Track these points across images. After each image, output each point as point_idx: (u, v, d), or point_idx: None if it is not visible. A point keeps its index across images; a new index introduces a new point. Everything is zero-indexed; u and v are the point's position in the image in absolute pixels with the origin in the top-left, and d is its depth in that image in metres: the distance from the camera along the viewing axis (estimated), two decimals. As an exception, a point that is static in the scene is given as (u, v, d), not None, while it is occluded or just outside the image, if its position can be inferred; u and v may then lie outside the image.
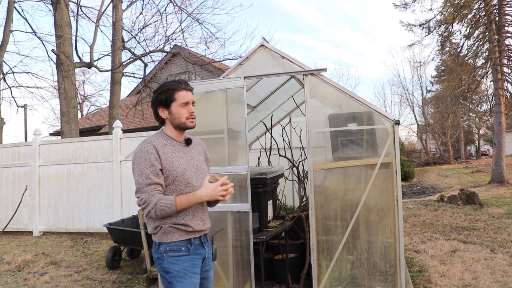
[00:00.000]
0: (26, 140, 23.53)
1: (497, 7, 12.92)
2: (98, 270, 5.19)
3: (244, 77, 3.48)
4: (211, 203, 2.14)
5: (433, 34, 14.43)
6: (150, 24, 15.66)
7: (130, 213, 6.84)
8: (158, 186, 1.96)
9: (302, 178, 4.65)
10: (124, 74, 11.88)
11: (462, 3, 12.70)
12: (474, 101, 23.09)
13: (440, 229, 6.38)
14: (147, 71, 12.32)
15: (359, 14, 69.77)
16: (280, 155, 4.88)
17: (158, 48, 11.47)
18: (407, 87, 47.85)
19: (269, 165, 4.88)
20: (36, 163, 7.74)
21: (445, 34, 14.21)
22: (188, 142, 2.13)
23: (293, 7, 68.28)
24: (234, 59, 11.20)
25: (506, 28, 13.05)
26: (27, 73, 12.46)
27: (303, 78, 3.44)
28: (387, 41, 63.67)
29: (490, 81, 13.71)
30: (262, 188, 3.83)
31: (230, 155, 3.68)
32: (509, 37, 13.12)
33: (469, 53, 14.29)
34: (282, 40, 64.43)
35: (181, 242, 2.00)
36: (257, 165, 5.28)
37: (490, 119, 24.28)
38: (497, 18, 12.92)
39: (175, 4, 11.33)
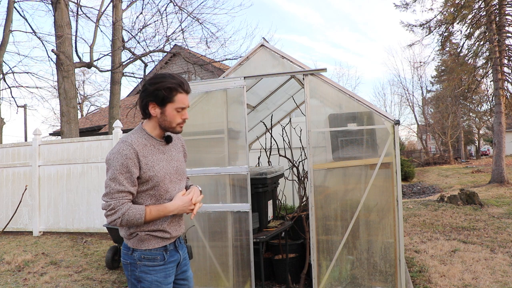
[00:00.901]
0: (26, 140, 23.54)
1: (497, 7, 12.91)
2: (98, 270, 5.19)
3: (244, 77, 3.48)
4: None
5: (433, 34, 14.44)
6: (150, 24, 15.66)
7: (130, 213, 6.84)
8: (129, 195, 1.80)
9: (302, 178, 4.65)
10: (124, 74, 11.87)
11: (462, 3, 12.70)
12: (474, 101, 23.10)
13: (440, 229, 6.37)
14: (147, 71, 12.31)
15: (356, 14, 69.97)
16: (280, 155, 4.88)
17: (158, 48, 11.47)
18: (407, 87, 47.88)
19: (269, 165, 4.88)
20: (36, 163, 7.74)
21: (446, 34, 14.21)
22: (168, 140, 1.97)
23: (290, 7, 68.41)
24: (234, 59, 11.20)
25: (507, 28, 13.05)
26: (27, 73, 12.47)
27: (303, 78, 3.44)
28: (385, 41, 63.87)
29: (490, 81, 13.71)
30: (262, 188, 3.83)
31: (230, 155, 3.67)
32: (510, 37, 13.12)
33: (469, 53, 14.29)
34: (279, 40, 64.57)
35: (157, 250, 1.88)
36: (257, 165, 5.28)
37: (490, 119, 24.30)
38: (497, 18, 12.92)
39: (175, 4, 11.34)
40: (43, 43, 11.00)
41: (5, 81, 12.25)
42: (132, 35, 11.79)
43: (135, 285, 1.88)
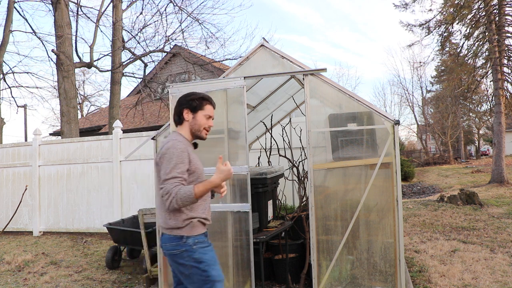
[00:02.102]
0: (26, 140, 23.53)
1: (497, 7, 12.91)
2: (98, 270, 5.19)
3: (244, 77, 3.49)
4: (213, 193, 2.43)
5: (433, 34, 14.43)
6: (150, 24, 15.71)
7: (130, 213, 6.85)
8: (182, 180, 2.13)
9: (302, 178, 4.65)
10: (124, 74, 11.88)
11: (462, 3, 12.70)
12: (474, 101, 23.10)
13: (440, 229, 6.38)
14: (147, 71, 12.32)
15: (356, 14, 70.01)
16: (280, 155, 4.89)
17: (158, 48, 11.47)
18: (407, 87, 47.85)
19: (269, 165, 4.88)
20: (36, 163, 7.74)
21: (445, 34, 14.20)
22: (195, 146, 2.40)
23: (290, 7, 68.43)
24: (234, 59, 11.21)
25: (506, 28, 13.05)
26: (27, 73, 12.48)
27: (303, 78, 3.44)
28: (385, 41, 63.88)
29: (490, 81, 13.70)
30: (262, 188, 3.83)
31: (230, 155, 3.68)
32: (509, 37, 13.12)
33: (469, 53, 14.28)
34: (279, 40, 64.55)
35: (203, 235, 2.26)
36: (257, 165, 5.28)
37: (490, 119, 24.29)
38: (497, 18, 12.91)
39: (175, 4, 11.34)
40: (43, 43, 11.02)
41: (5, 81, 12.26)
42: (132, 35, 11.80)
43: (196, 267, 2.18)
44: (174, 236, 2.19)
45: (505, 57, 13.19)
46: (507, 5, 12.92)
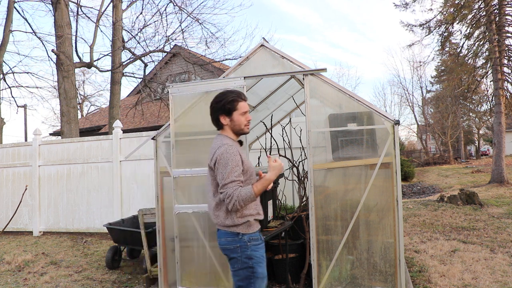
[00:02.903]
0: (26, 140, 23.54)
1: (497, 7, 12.91)
2: (98, 270, 5.19)
3: (244, 77, 3.48)
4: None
5: (433, 34, 14.43)
6: (150, 24, 15.68)
7: (130, 213, 6.85)
8: (240, 183, 2.26)
9: (302, 178, 4.65)
10: (124, 74, 11.88)
11: (462, 3, 12.69)
12: (474, 101, 23.09)
13: (440, 229, 6.38)
14: (147, 71, 12.31)
15: (355, 14, 70.03)
16: (280, 155, 4.88)
17: (158, 48, 11.47)
18: (407, 87, 47.87)
19: (269, 165, 4.87)
20: (36, 163, 7.74)
21: (445, 34, 14.20)
22: (241, 143, 2.52)
23: (289, 8, 68.45)
24: (234, 59, 11.21)
25: (506, 28, 13.04)
26: (27, 73, 12.48)
27: (303, 78, 3.44)
28: (384, 41, 63.92)
29: (490, 81, 13.70)
30: (262, 188, 3.83)
31: (230, 155, 3.67)
32: (509, 37, 13.11)
33: (469, 53, 14.28)
34: (279, 40, 64.55)
35: (258, 232, 2.41)
36: (257, 165, 5.28)
37: (490, 119, 24.29)
38: (497, 18, 12.91)
39: (175, 4, 11.34)
40: (43, 43, 11.02)
41: (5, 81, 12.26)
42: (132, 35, 11.80)
43: (247, 263, 2.32)
44: (230, 232, 2.33)
45: (505, 57, 13.19)
46: (507, 5, 12.92)
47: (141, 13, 12.34)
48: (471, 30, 13.60)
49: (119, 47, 11.35)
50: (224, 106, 2.40)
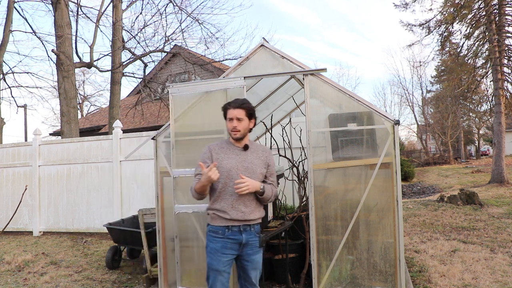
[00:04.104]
0: (26, 140, 23.54)
1: (497, 7, 12.91)
2: (98, 270, 5.19)
3: (244, 77, 3.48)
4: (262, 197, 2.61)
5: (433, 34, 14.42)
6: (150, 24, 15.71)
7: (130, 213, 6.85)
8: (201, 175, 2.49)
9: (302, 178, 4.65)
10: (124, 74, 11.87)
11: (462, 3, 12.69)
12: (474, 101, 23.08)
13: (440, 229, 6.38)
14: (147, 71, 12.32)
15: (353, 15, 70.06)
16: (280, 155, 4.88)
17: (158, 48, 11.47)
18: (407, 87, 47.86)
19: (269, 165, 4.87)
20: (36, 163, 7.74)
21: (445, 34, 14.20)
22: (245, 148, 2.66)
23: (287, 8, 68.47)
24: (234, 59, 11.21)
25: (506, 28, 13.04)
26: (27, 73, 12.47)
27: (303, 78, 3.44)
28: (382, 41, 63.97)
29: (490, 81, 13.69)
30: (262, 188, 3.83)
31: (230, 155, 3.66)
32: (509, 37, 13.11)
33: (469, 53, 14.27)
34: (279, 41, 64.56)
35: (222, 227, 2.54)
36: (257, 165, 5.27)
37: (490, 119, 24.29)
38: (497, 18, 12.91)
39: (175, 4, 11.34)
40: (43, 43, 11.02)
41: (5, 81, 12.26)
42: (132, 35, 11.80)
43: (206, 249, 2.62)
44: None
45: (505, 57, 13.18)
46: (507, 5, 12.91)
47: (141, 13, 12.38)
48: (471, 30, 13.60)
49: (119, 47, 11.35)
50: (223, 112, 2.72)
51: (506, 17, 12.98)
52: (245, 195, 2.54)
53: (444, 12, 13.46)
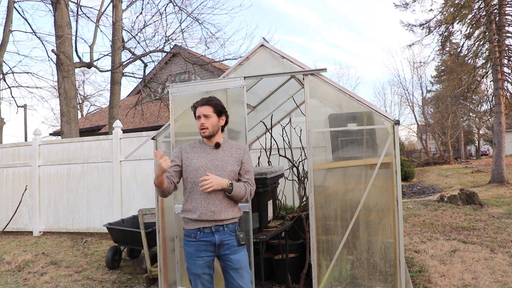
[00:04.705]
0: (26, 140, 23.54)
1: (497, 7, 12.90)
2: (98, 270, 5.19)
3: (244, 77, 3.48)
4: (232, 195, 2.51)
5: (433, 34, 14.42)
6: (150, 24, 15.70)
7: (130, 213, 6.85)
8: (168, 173, 2.54)
9: (302, 178, 4.65)
10: (124, 74, 11.87)
11: (462, 3, 12.69)
12: (474, 101, 23.09)
13: (440, 229, 6.37)
14: (147, 71, 12.31)
15: (353, 15, 70.07)
16: (280, 155, 4.88)
17: (158, 48, 11.47)
18: (407, 87, 47.87)
19: (269, 165, 4.88)
20: (36, 163, 7.74)
21: (445, 34, 14.19)
22: (217, 146, 2.61)
23: (287, 8, 68.48)
24: (234, 59, 11.20)
25: (506, 28, 13.04)
26: (27, 73, 12.47)
27: (303, 78, 3.44)
28: (382, 41, 64.00)
29: (490, 81, 13.69)
30: (262, 188, 3.83)
31: (230, 155, 3.66)
32: (509, 37, 13.11)
33: (469, 53, 14.27)
34: (279, 41, 64.54)
35: (194, 231, 2.51)
36: (257, 165, 5.28)
37: (490, 119, 24.29)
38: (497, 18, 12.91)
39: (175, 4, 11.34)
40: (43, 43, 11.02)
41: (5, 81, 12.26)
42: (132, 35, 11.80)
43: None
44: None
45: (505, 57, 13.18)
46: (507, 5, 12.91)
47: (141, 13, 12.35)
48: (471, 30, 13.60)
49: (119, 47, 11.35)
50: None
51: (506, 17, 12.97)
52: (214, 194, 2.46)
53: (444, 12, 13.46)
